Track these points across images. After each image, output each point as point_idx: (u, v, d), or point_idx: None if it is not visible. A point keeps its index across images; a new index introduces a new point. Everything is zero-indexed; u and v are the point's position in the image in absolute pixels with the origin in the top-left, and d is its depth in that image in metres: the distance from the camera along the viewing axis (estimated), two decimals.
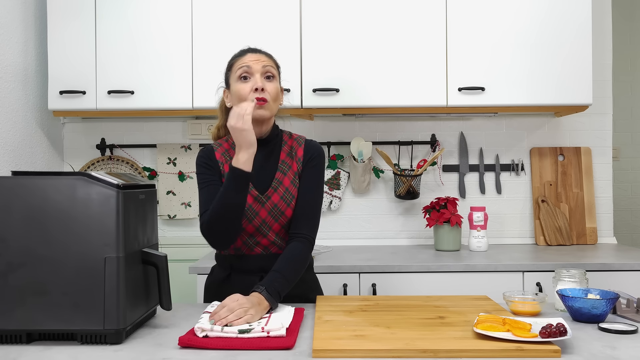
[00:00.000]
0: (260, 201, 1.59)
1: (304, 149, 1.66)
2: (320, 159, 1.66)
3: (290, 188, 1.61)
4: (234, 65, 1.62)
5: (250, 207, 1.58)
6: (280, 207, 1.59)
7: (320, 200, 1.65)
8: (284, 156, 1.64)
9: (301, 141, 1.68)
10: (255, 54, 1.61)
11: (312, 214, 1.61)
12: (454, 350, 1.11)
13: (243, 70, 1.57)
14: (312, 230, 1.60)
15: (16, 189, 1.23)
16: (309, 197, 1.62)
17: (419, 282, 2.26)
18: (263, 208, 1.59)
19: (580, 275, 1.52)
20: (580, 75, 2.50)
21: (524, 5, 2.51)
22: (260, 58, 1.60)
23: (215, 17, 2.54)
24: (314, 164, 1.64)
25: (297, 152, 1.65)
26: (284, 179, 1.61)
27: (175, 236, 2.90)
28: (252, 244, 1.61)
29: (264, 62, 1.59)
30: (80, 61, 2.54)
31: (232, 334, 1.21)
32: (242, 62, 1.59)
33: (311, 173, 1.64)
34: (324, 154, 1.69)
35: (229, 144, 1.67)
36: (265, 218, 1.59)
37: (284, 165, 1.63)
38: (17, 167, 2.48)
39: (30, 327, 1.22)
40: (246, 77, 1.58)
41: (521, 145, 2.91)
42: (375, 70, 2.51)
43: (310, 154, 1.65)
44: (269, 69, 1.59)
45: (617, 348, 1.16)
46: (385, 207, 2.90)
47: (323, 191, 1.67)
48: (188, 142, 2.91)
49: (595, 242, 2.81)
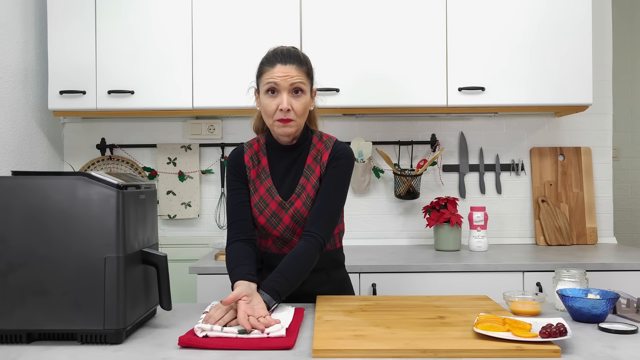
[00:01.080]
0: (284, 207, 1.60)
1: (330, 153, 1.62)
2: (344, 160, 1.62)
3: (311, 193, 1.61)
4: (263, 75, 1.57)
5: (275, 213, 1.60)
6: (303, 213, 1.60)
7: (337, 202, 1.61)
8: (310, 160, 1.63)
9: (329, 144, 1.64)
10: (285, 66, 1.54)
11: (326, 213, 1.58)
12: (454, 350, 1.11)
13: (270, 85, 1.55)
14: (323, 230, 1.56)
15: (16, 189, 1.23)
16: (324, 196, 1.59)
17: (419, 282, 2.26)
18: (287, 214, 1.60)
19: (580, 275, 1.52)
20: (580, 75, 2.50)
21: (524, 5, 2.51)
22: (290, 72, 1.54)
23: (215, 16, 2.54)
24: (335, 164, 1.61)
25: (322, 157, 1.63)
26: (307, 184, 1.61)
27: (175, 236, 2.90)
28: (281, 245, 1.64)
29: (293, 79, 1.54)
30: (80, 61, 2.54)
31: (232, 334, 1.21)
32: (271, 75, 1.54)
33: (332, 173, 1.61)
34: (350, 157, 1.63)
35: (259, 145, 1.67)
36: (288, 224, 1.61)
37: (308, 171, 1.62)
38: (17, 167, 2.48)
39: (30, 327, 1.22)
40: (274, 92, 1.55)
41: (521, 145, 2.91)
42: (375, 70, 2.51)
43: (335, 156, 1.61)
44: (297, 85, 1.55)
45: (617, 348, 1.16)
46: (385, 207, 2.90)
47: (342, 193, 1.62)
48: (188, 142, 2.91)
49: (595, 242, 2.81)
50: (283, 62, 1.55)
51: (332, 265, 1.71)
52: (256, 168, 1.65)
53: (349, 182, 1.65)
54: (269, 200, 1.61)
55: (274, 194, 1.62)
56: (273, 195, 1.62)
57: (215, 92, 2.52)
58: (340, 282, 1.74)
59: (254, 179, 1.64)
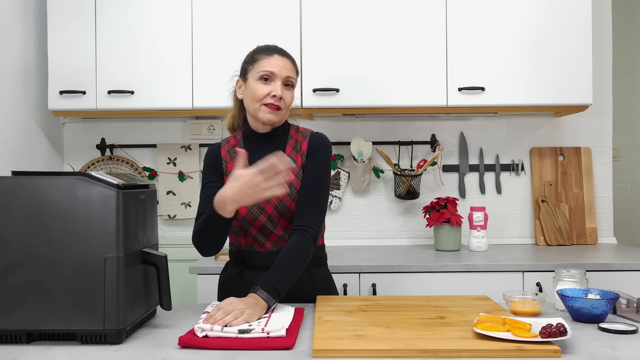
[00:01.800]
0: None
1: (309, 141, 1.64)
2: (325, 149, 1.64)
3: (294, 182, 1.60)
4: (259, 62, 1.59)
5: (256, 204, 1.58)
6: (286, 202, 1.59)
7: (324, 192, 1.62)
8: (289, 150, 1.64)
9: (307, 134, 1.66)
10: (283, 58, 1.60)
11: (315, 205, 1.58)
12: (454, 350, 1.11)
13: (266, 72, 1.57)
14: (313, 222, 1.56)
15: (16, 189, 1.23)
16: (311, 187, 1.59)
17: (419, 282, 2.26)
18: (268, 204, 1.59)
19: (580, 275, 1.52)
20: (580, 75, 2.50)
21: (524, 5, 2.51)
22: (286, 65, 1.59)
23: (215, 17, 2.54)
24: (317, 154, 1.62)
25: (301, 146, 1.64)
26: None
27: (175, 236, 2.90)
28: (262, 240, 1.62)
29: (288, 72, 1.59)
30: (80, 61, 2.54)
31: (232, 334, 1.21)
32: (269, 64, 1.58)
33: (314, 164, 1.62)
34: (329, 145, 1.66)
35: (235, 140, 1.69)
36: (270, 214, 1.59)
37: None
38: (17, 167, 2.48)
39: (30, 327, 1.22)
40: (267, 79, 1.58)
41: (521, 145, 2.91)
42: (375, 70, 2.51)
43: (315, 145, 1.63)
44: (290, 79, 1.60)
45: (617, 348, 1.16)
46: (385, 207, 2.90)
47: (328, 183, 1.63)
48: (188, 142, 2.91)
49: (595, 242, 2.81)
50: (281, 55, 1.61)
51: (313, 262, 1.66)
52: (234, 160, 1.64)
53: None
54: None
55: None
56: None
57: (215, 92, 2.52)
58: (325, 281, 1.72)
59: (232, 171, 1.63)
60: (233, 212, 1.42)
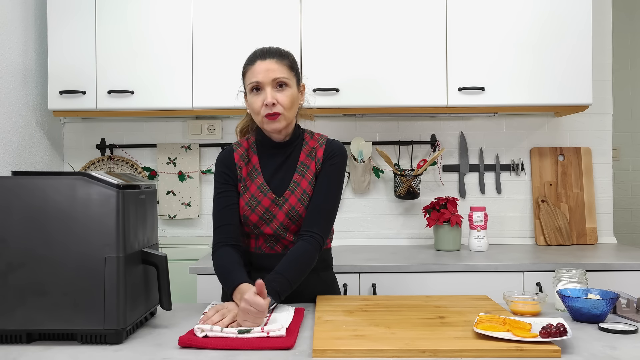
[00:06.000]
0: (278, 204, 1.59)
1: (325, 149, 1.63)
2: (340, 157, 1.63)
3: (307, 189, 1.60)
4: (246, 74, 1.59)
5: (268, 210, 1.59)
6: (298, 209, 1.59)
7: (334, 200, 1.61)
8: (304, 157, 1.63)
9: (322, 141, 1.65)
10: (265, 61, 1.55)
11: (323, 212, 1.58)
12: (454, 350, 1.11)
13: (253, 83, 1.56)
14: (321, 228, 1.56)
15: (16, 189, 1.23)
16: (322, 194, 1.59)
17: (419, 282, 2.26)
18: (280, 211, 1.59)
19: (580, 275, 1.52)
20: (580, 75, 2.50)
21: (524, 5, 2.51)
22: (271, 67, 1.55)
23: (215, 17, 2.54)
24: (331, 162, 1.62)
25: (317, 153, 1.63)
26: (301, 180, 1.61)
27: (175, 236, 2.90)
28: (272, 244, 1.62)
29: (275, 73, 1.55)
30: (80, 61, 2.54)
31: (232, 334, 1.21)
32: (253, 74, 1.56)
33: (328, 171, 1.61)
34: (345, 153, 1.65)
35: (248, 144, 1.68)
36: (282, 221, 1.59)
37: (302, 167, 1.62)
38: (17, 167, 2.48)
39: (30, 327, 1.22)
40: (258, 89, 1.56)
41: (521, 145, 2.91)
42: (375, 70, 2.51)
43: (331, 153, 1.62)
44: (280, 79, 1.55)
45: (617, 348, 1.16)
46: (385, 207, 2.90)
47: (339, 191, 1.63)
48: (188, 142, 2.91)
49: (595, 242, 2.81)
50: (262, 58, 1.57)
51: (321, 266, 1.68)
52: (247, 166, 1.64)
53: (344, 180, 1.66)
54: (261, 197, 1.60)
55: (266, 191, 1.60)
56: (265, 192, 1.60)
57: (215, 92, 2.52)
58: (329, 284, 1.73)
59: (245, 177, 1.63)
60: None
